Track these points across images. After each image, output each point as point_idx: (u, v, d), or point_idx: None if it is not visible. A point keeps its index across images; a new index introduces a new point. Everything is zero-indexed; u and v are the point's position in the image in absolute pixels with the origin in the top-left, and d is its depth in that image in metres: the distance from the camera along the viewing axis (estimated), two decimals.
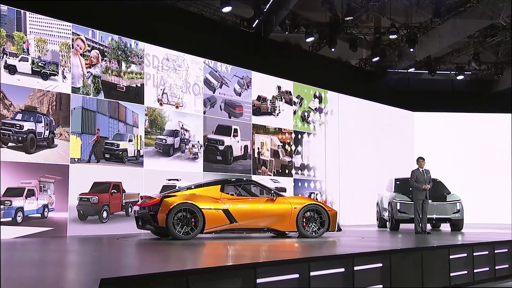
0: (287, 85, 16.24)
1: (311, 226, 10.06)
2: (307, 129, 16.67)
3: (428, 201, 11.74)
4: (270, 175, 15.38)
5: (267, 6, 15.17)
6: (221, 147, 14.20)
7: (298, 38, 17.65)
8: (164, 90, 13.04)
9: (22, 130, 10.44)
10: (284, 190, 14.87)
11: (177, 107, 13.28)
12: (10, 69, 10.37)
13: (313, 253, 7.25)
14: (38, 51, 10.81)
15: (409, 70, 20.29)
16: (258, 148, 15.16)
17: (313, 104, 16.97)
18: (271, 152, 15.53)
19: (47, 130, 10.84)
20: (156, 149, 12.78)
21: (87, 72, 11.61)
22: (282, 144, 15.85)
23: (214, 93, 14.15)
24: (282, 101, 15.99)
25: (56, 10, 11.19)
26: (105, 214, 11.64)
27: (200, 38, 14.83)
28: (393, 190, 13.87)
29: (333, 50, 17.65)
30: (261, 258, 6.62)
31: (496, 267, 8.42)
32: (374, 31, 18.28)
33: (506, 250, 8.82)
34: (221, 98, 14.31)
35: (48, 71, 10.94)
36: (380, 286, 6.40)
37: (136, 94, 12.48)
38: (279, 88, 15.98)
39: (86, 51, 11.63)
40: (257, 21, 15.84)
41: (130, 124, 12.35)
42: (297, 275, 5.52)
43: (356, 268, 6.13)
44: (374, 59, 19.32)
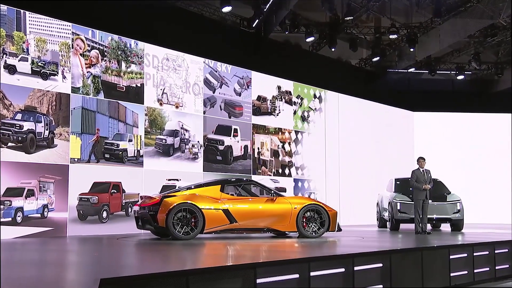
0: (287, 85, 16.24)
1: (311, 226, 10.05)
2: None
3: (428, 201, 11.72)
4: (270, 175, 15.37)
5: (267, 6, 15.15)
6: (221, 147, 14.19)
7: (298, 38, 17.63)
8: (164, 90, 13.03)
9: (22, 130, 10.44)
10: (284, 190, 14.87)
11: (177, 107, 13.27)
12: (10, 69, 10.36)
13: (313, 253, 7.24)
14: (38, 51, 10.80)
15: (409, 70, 20.28)
16: (258, 148, 15.15)
17: (313, 104, 17.00)
18: (271, 152, 15.53)
19: (47, 130, 10.83)
20: (156, 149, 12.77)
21: (87, 72, 11.61)
22: (282, 143, 15.84)
23: (214, 93, 14.15)
24: (282, 101, 15.98)
25: (56, 10, 11.18)
26: (105, 214, 11.63)
27: (200, 38, 14.83)
28: (393, 190, 13.86)
29: (333, 50, 17.63)
30: (261, 258, 6.61)
31: (496, 267, 8.42)
32: (374, 31, 18.27)
33: (507, 250, 8.82)
34: (221, 98, 14.30)
35: (48, 71, 10.93)
36: (380, 286, 6.40)
37: (136, 94, 12.47)
38: (279, 88, 15.97)
39: (86, 51, 11.62)
40: (257, 21, 15.82)
41: (130, 124, 12.34)
42: (297, 275, 5.52)
43: (356, 268, 6.13)
44: (374, 59, 19.31)
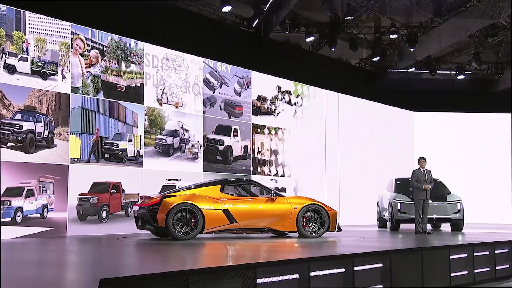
0: (287, 85, 16.22)
1: (311, 226, 10.04)
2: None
3: (428, 201, 11.71)
4: (270, 175, 15.36)
5: (267, 6, 15.14)
6: (221, 147, 14.18)
7: (298, 37, 17.62)
8: (163, 90, 13.02)
9: (22, 130, 10.42)
10: (284, 190, 14.86)
11: (176, 107, 13.26)
12: (10, 68, 10.34)
13: (313, 253, 7.24)
14: (37, 51, 10.79)
15: (409, 70, 20.26)
16: (258, 148, 15.14)
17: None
18: (271, 151, 15.50)
19: (47, 130, 10.82)
20: (155, 149, 12.76)
21: (87, 71, 11.59)
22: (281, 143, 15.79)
23: (214, 93, 14.13)
24: (282, 101, 15.96)
25: (55, 10, 11.17)
26: (104, 214, 11.62)
27: (200, 38, 14.82)
28: (393, 190, 13.85)
29: (333, 50, 17.62)
30: (261, 258, 6.60)
31: (496, 267, 8.42)
32: (374, 31, 18.26)
33: (507, 250, 8.82)
34: (221, 98, 14.29)
35: (47, 71, 10.91)
36: (380, 286, 6.40)
37: (135, 94, 12.46)
38: (279, 88, 15.95)
39: (85, 51, 11.61)
40: (257, 20, 15.81)
41: (130, 124, 12.33)
42: (297, 275, 5.51)
43: (356, 268, 6.13)
44: (374, 59, 19.29)
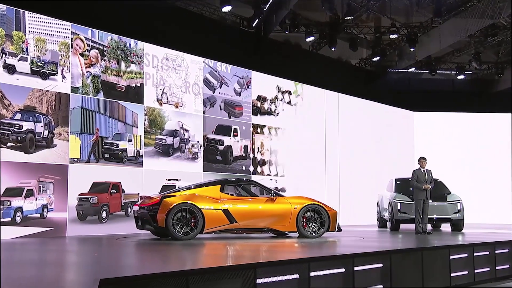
0: (287, 85, 16.20)
1: (311, 226, 10.04)
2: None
3: (428, 201, 11.70)
4: (270, 175, 15.35)
5: (267, 6, 15.13)
6: (221, 147, 14.17)
7: (298, 37, 17.62)
8: (163, 89, 13.01)
9: (21, 130, 10.41)
10: (284, 190, 14.84)
11: (176, 107, 13.25)
12: (9, 68, 10.33)
13: (313, 253, 7.23)
14: (37, 51, 10.78)
15: (409, 70, 20.26)
16: (258, 148, 15.13)
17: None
18: (270, 151, 15.49)
19: (46, 130, 10.81)
20: (155, 149, 12.75)
21: (87, 71, 11.59)
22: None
23: (214, 93, 14.12)
24: (282, 101, 15.95)
25: (55, 10, 11.16)
26: (104, 214, 11.61)
27: (199, 38, 14.81)
28: (393, 190, 13.84)
29: (333, 49, 17.62)
30: (261, 258, 6.60)
31: (496, 268, 8.42)
32: (374, 31, 18.26)
33: (507, 250, 8.81)
34: (221, 98, 14.28)
35: (47, 71, 10.91)
36: (380, 287, 6.39)
37: (135, 94, 12.45)
38: (279, 88, 15.93)
39: (85, 51, 11.60)
40: (257, 20, 15.80)
41: (130, 124, 12.32)
42: (297, 275, 5.51)
43: (356, 268, 6.12)
44: (375, 59, 19.29)
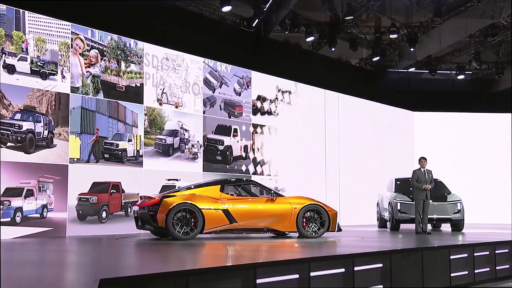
0: (287, 85, 16.19)
1: (311, 226, 10.03)
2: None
3: (429, 201, 11.69)
4: (270, 175, 15.34)
5: (267, 6, 15.12)
6: (221, 147, 14.16)
7: (298, 37, 17.61)
8: (163, 89, 13.00)
9: (21, 130, 10.41)
10: (284, 190, 14.83)
11: (176, 107, 13.25)
12: (9, 68, 10.33)
13: (313, 253, 7.23)
14: (37, 51, 10.77)
15: (409, 70, 20.25)
16: (258, 148, 15.12)
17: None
18: (269, 151, 15.48)
19: (46, 130, 10.81)
20: (155, 149, 12.74)
21: (86, 71, 11.58)
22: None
23: (213, 92, 14.12)
24: (282, 101, 15.93)
25: (55, 10, 11.15)
26: (104, 214, 11.61)
27: (199, 38, 14.80)
28: (393, 190, 13.84)
29: (333, 49, 17.60)
30: (261, 258, 6.59)
31: (497, 268, 8.41)
32: (374, 31, 18.24)
33: (507, 250, 8.80)
34: (220, 97, 14.27)
35: (47, 71, 10.90)
36: (380, 287, 6.39)
37: (135, 94, 12.45)
38: (279, 88, 15.88)
39: (85, 51, 11.60)
40: (257, 20, 15.79)
41: (130, 124, 12.31)
42: (297, 275, 5.50)
43: (356, 268, 6.11)
44: (375, 59, 19.28)
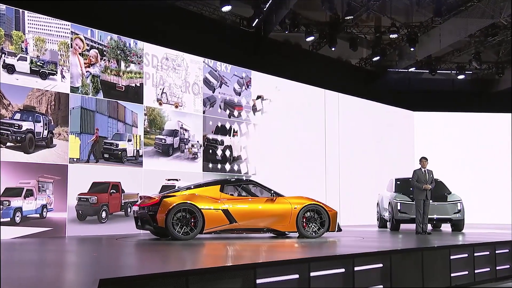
0: (287, 85, 16.17)
1: (311, 226, 10.02)
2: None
3: (429, 201, 11.68)
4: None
5: (267, 5, 15.12)
6: (221, 147, 14.15)
7: (298, 37, 17.60)
8: (163, 89, 12.99)
9: (21, 130, 10.40)
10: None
11: (176, 107, 13.24)
12: (9, 68, 10.32)
13: (313, 253, 7.22)
14: (36, 51, 10.76)
15: (409, 70, 20.24)
16: (258, 148, 15.09)
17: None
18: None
19: (46, 129, 10.79)
20: (155, 149, 12.73)
21: (86, 71, 11.57)
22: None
23: (213, 92, 14.11)
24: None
25: (54, 10, 11.14)
26: (104, 214, 11.60)
27: (199, 38, 14.79)
28: (393, 190, 13.83)
29: (333, 49, 17.60)
30: (261, 258, 6.58)
31: (497, 268, 8.40)
32: (374, 31, 18.24)
33: (507, 250, 8.79)
34: (220, 97, 14.27)
35: (46, 71, 10.89)
36: (380, 287, 6.38)
37: (135, 94, 12.43)
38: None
39: (85, 51, 11.59)
40: (256, 20, 15.79)
41: (129, 123, 12.30)
42: (297, 276, 5.49)
43: (356, 268, 6.11)
44: (375, 59, 19.27)
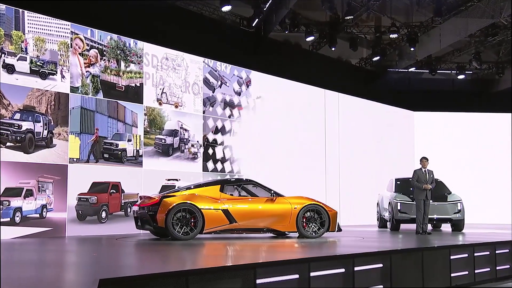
0: (287, 84, 16.16)
1: (311, 226, 10.02)
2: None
3: (429, 201, 11.67)
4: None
5: (267, 5, 15.12)
6: (219, 147, 14.13)
7: (298, 37, 17.60)
8: (163, 89, 12.99)
9: (21, 130, 10.39)
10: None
11: (176, 107, 13.23)
12: (9, 68, 10.32)
13: (313, 253, 7.21)
14: (36, 50, 10.76)
15: (409, 70, 20.24)
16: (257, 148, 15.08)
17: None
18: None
19: (46, 129, 10.79)
20: (155, 149, 12.73)
21: (86, 71, 11.56)
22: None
23: (213, 92, 14.10)
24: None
25: (54, 10, 11.14)
26: (104, 214, 11.59)
27: (199, 37, 14.78)
28: (393, 190, 13.82)
29: (333, 49, 17.60)
30: (261, 258, 6.58)
31: (497, 268, 8.39)
32: (374, 30, 18.24)
33: (507, 250, 8.79)
34: (220, 97, 14.26)
35: (46, 71, 10.88)
36: (380, 287, 6.37)
37: (135, 94, 12.43)
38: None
39: (85, 50, 11.58)
40: (257, 20, 15.79)
41: (129, 123, 12.30)
42: (297, 276, 5.49)
43: (356, 268, 6.10)
44: (375, 59, 19.27)
